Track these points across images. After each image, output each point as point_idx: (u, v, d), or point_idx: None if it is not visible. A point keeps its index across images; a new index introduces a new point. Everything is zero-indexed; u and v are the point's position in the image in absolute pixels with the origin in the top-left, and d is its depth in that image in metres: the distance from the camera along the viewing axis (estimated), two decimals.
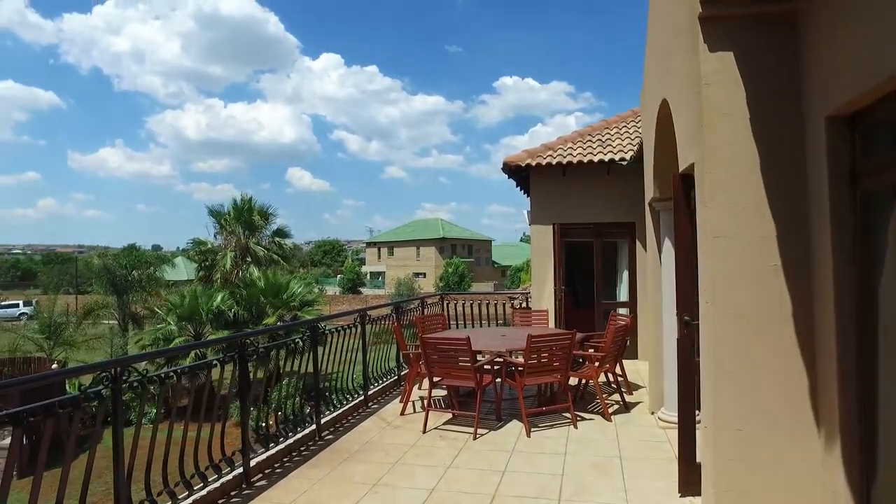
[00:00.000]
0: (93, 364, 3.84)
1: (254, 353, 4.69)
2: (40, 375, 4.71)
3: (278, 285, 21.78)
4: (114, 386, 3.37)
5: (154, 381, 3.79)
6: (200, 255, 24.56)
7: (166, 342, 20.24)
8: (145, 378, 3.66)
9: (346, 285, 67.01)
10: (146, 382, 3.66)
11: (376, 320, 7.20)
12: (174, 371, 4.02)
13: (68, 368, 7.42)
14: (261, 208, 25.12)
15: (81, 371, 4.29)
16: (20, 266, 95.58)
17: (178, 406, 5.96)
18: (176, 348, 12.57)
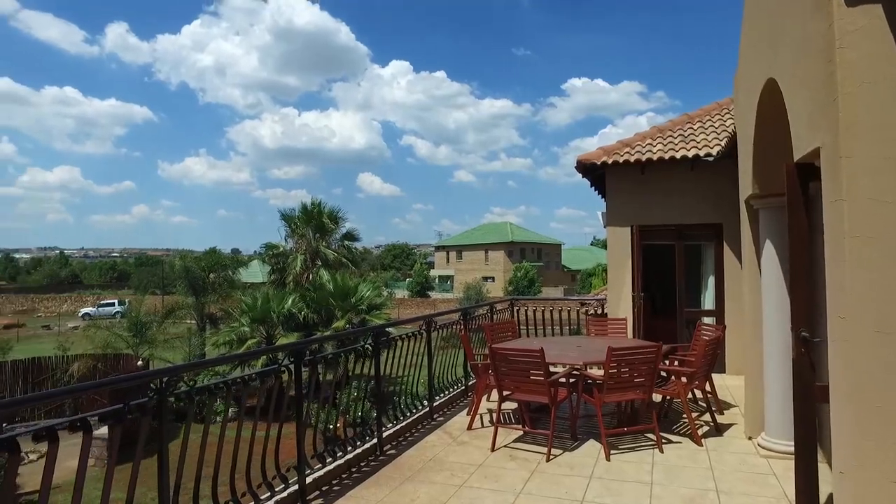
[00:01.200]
0: (141, 373, 3.66)
1: (310, 361, 4.41)
2: (112, 380, 4.31)
3: (347, 288, 21.92)
4: (159, 397, 3.15)
5: (203, 392, 3.56)
6: (272, 258, 25.15)
7: (240, 343, 20.78)
8: (193, 389, 3.43)
9: (414, 289, 67.43)
10: (193, 393, 3.42)
11: (443, 326, 6.83)
12: (223, 382, 3.78)
13: (121, 377, 7.30)
14: (330, 212, 25.46)
15: (132, 378, 4.14)
16: (117, 268, 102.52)
17: (224, 416, 5.82)
18: (216, 359, 12.53)
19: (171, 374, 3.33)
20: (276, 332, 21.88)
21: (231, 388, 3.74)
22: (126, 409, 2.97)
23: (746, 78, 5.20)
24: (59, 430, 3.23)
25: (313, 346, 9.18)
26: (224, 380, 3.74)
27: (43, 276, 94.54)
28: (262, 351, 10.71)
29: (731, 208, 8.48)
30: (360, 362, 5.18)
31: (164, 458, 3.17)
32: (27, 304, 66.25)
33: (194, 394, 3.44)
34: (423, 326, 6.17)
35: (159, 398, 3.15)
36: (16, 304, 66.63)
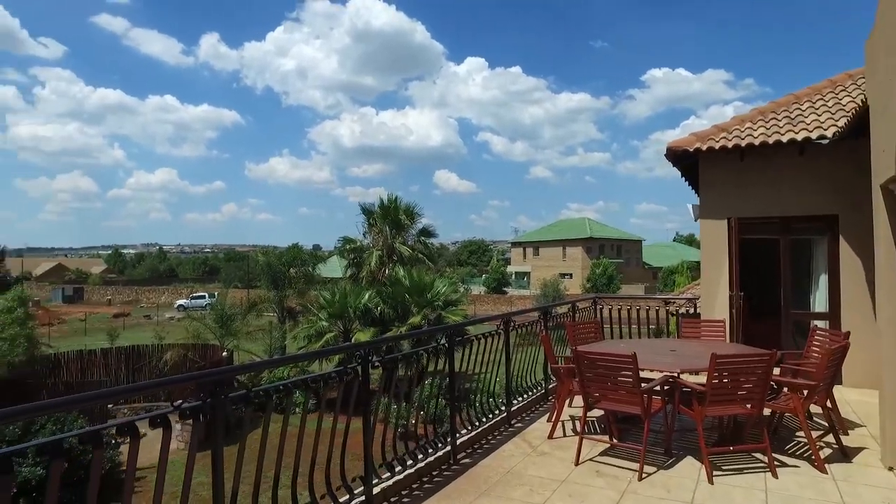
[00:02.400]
0: (189, 375, 3.46)
1: (380, 363, 4.10)
2: (207, 372, 4.05)
3: (423, 284, 21.81)
4: (213, 400, 2.91)
5: (261, 395, 3.31)
6: (350, 253, 25.46)
7: (318, 337, 21.15)
8: (251, 392, 3.19)
9: (490, 285, 66.98)
10: (251, 396, 3.18)
11: (522, 326, 6.38)
12: (284, 384, 3.52)
13: (221, 368, 6.89)
14: (407, 207, 25.45)
15: (180, 380, 3.97)
16: (208, 263, 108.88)
17: (284, 424, 5.63)
18: (267, 361, 12.45)
19: (223, 374, 3.09)
20: (352, 327, 22.11)
21: (288, 391, 3.47)
22: (209, 404, 2.86)
23: (886, 43, 4.40)
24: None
25: (383, 345, 8.95)
26: (281, 383, 3.47)
27: (145, 270, 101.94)
28: (330, 351, 10.54)
29: (851, 197, 7.50)
30: (435, 360, 4.84)
31: (218, 462, 2.94)
32: (132, 295, 71.39)
33: (272, 391, 3.23)
34: (501, 325, 5.75)
35: (213, 401, 2.91)
36: (123, 294, 71.98)
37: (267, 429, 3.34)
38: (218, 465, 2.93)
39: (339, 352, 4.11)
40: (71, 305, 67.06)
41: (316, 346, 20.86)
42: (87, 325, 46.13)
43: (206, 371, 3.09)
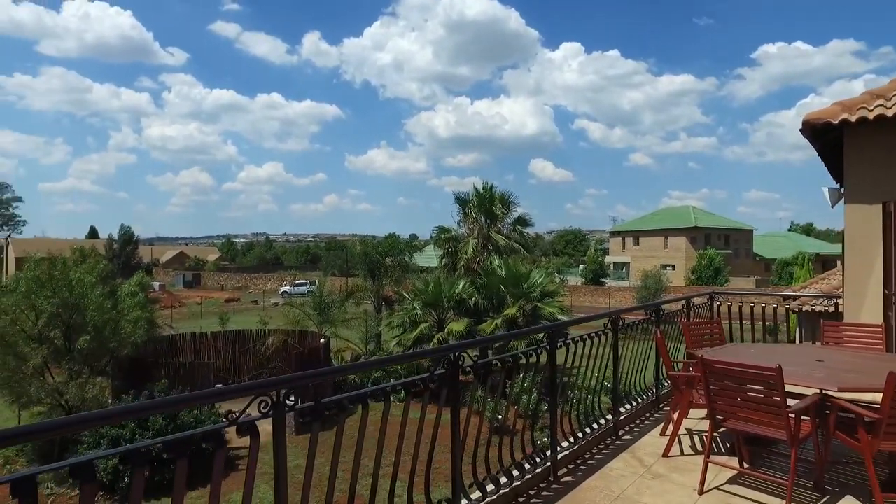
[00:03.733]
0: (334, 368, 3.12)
1: (470, 370, 3.60)
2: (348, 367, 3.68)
3: (518, 275, 21.18)
4: (315, 409, 2.55)
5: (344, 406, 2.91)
6: (444, 242, 25.26)
7: (412, 326, 21.15)
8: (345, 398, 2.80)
9: (588, 276, 64.86)
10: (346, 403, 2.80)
11: (631, 326, 5.65)
12: (362, 393, 3.10)
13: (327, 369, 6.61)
14: (502, 196, 24.84)
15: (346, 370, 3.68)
16: (310, 251, 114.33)
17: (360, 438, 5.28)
18: (363, 363, 12.29)
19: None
20: (446, 317, 21.90)
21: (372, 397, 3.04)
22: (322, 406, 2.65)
23: None
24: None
25: (478, 347, 8.41)
26: (361, 392, 3.04)
27: (254, 258, 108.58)
28: (420, 354, 10.14)
29: None
30: (537, 358, 4.29)
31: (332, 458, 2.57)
32: (242, 281, 76.12)
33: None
34: (608, 325, 5.07)
35: (314, 411, 2.57)
36: (234, 281, 76.95)
37: (364, 432, 2.94)
38: (311, 461, 2.58)
39: (429, 355, 3.61)
40: (190, 290, 72.61)
41: (410, 336, 20.86)
42: (203, 309, 49.60)
43: (330, 368, 2.71)
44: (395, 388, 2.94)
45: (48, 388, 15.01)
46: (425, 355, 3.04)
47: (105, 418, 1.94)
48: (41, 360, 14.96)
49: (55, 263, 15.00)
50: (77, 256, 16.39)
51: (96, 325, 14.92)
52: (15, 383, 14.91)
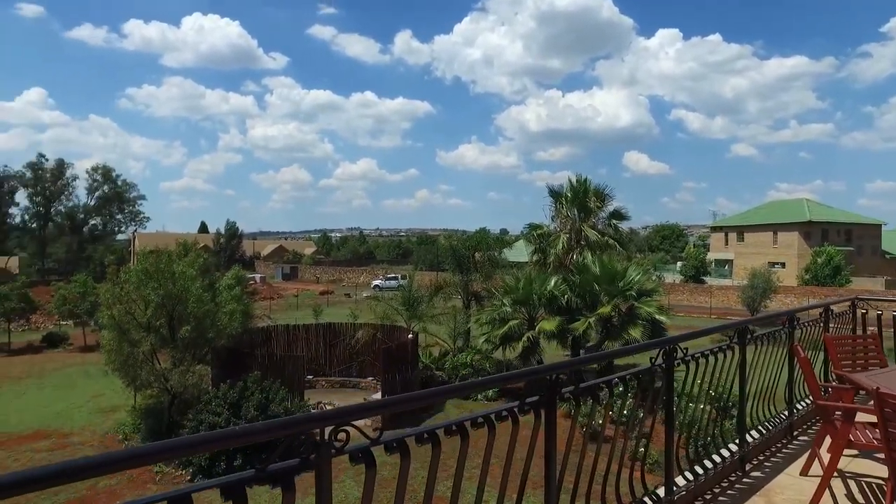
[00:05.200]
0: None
1: (570, 396, 2.98)
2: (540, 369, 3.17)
3: (614, 272, 20.06)
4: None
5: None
6: (535, 238, 24.47)
7: (501, 323, 20.58)
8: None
9: (687, 273, 61.32)
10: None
11: (761, 338, 4.77)
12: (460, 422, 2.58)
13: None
14: (596, 189, 23.70)
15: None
16: (402, 246, 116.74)
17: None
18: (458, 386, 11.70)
19: None
20: (537, 315, 21.17)
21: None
22: None
23: None
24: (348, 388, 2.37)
25: (564, 372, 7.89)
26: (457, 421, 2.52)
27: (348, 252, 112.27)
28: (513, 375, 9.35)
29: None
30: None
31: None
32: (336, 274, 78.75)
33: None
34: (734, 337, 4.27)
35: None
36: (329, 274, 79.81)
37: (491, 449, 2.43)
38: None
39: (522, 377, 2.89)
40: (288, 282, 76.10)
41: (498, 332, 20.33)
42: (299, 301, 51.64)
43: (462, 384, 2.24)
44: (476, 421, 2.38)
45: (156, 373, 15.88)
46: (518, 377, 2.47)
47: (227, 439, 1.73)
48: (150, 347, 15.83)
49: (161, 257, 15.81)
50: (180, 250, 17.24)
51: (196, 316, 15.60)
52: (129, 367, 15.88)
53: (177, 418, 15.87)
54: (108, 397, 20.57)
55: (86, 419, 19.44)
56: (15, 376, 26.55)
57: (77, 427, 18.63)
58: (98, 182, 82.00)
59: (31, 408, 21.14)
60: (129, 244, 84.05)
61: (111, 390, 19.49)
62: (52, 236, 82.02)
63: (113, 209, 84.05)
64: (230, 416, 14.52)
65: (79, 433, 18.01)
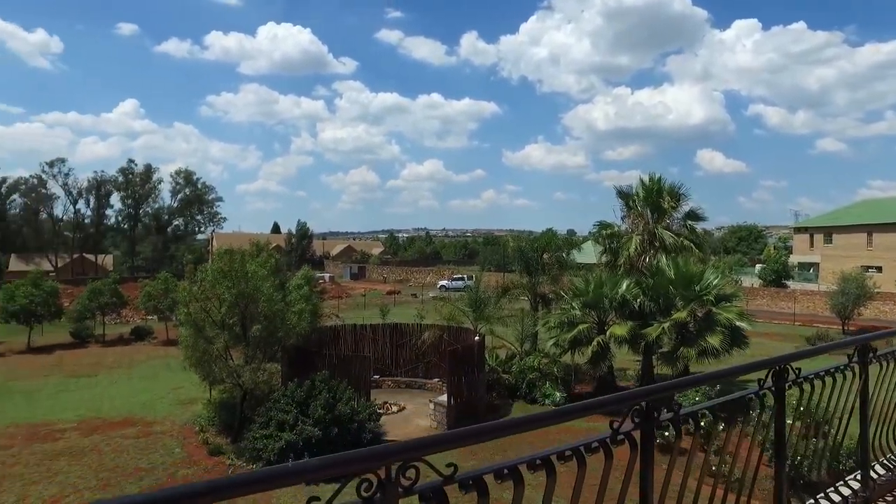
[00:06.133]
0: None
1: (668, 423, 2.57)
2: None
3: (690, 275, 19.05)
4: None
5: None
6: (605, 238, 23.65)
7: (570, 326, 19.98)
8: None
9: (767, 277, 57.91)
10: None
11: (885, 357, 4.16)
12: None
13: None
14: (671, 188, 22.63)
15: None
16: (468, 246, 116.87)
17: None
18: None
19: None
20: (607, 319, 20.43)
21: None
22: None
23: None
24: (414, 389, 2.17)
25: (674, 392, 7.25)
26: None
27: (414, 252, 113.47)
28: (597, 402, 9.01)
29: None
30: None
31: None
32: (403, 274, 79.62)
33: None
34: (854, 355, 3.72)
35: None
36: (396, 274, 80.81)
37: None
38: None
39: (610, 405, 2.37)
40: (355, 282, 77.62)
41: (567, 336, 19.74)
42: (366, 300, 52.46)
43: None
44: (564, 454, 2.03)
45: (229, 370, 16.35)
46: (604, 405, 2.08)
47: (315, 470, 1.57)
48: (224, 344, 16.32)
49: (234, 257, 16.28)
50: (253, 250, 17.71)
51: (267, 315, 15.96)
52: (205, 363, 16.45)
53: (248, 414, 16.28)
54: (187, 390, 21.51)
55: (167, 409, 20.42)
56: (108, 365, 28.40)
57: (159, 416, 19.60)
58: (181, 185, 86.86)
59: (121, 396, 22.51)
60: (208, 244, 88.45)
61: (189, 383, 20.33)
62: (141, 236, 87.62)
63: (194, 210, 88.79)
64: (298, 414, 14.73)
65: (160, 422, 18.92)
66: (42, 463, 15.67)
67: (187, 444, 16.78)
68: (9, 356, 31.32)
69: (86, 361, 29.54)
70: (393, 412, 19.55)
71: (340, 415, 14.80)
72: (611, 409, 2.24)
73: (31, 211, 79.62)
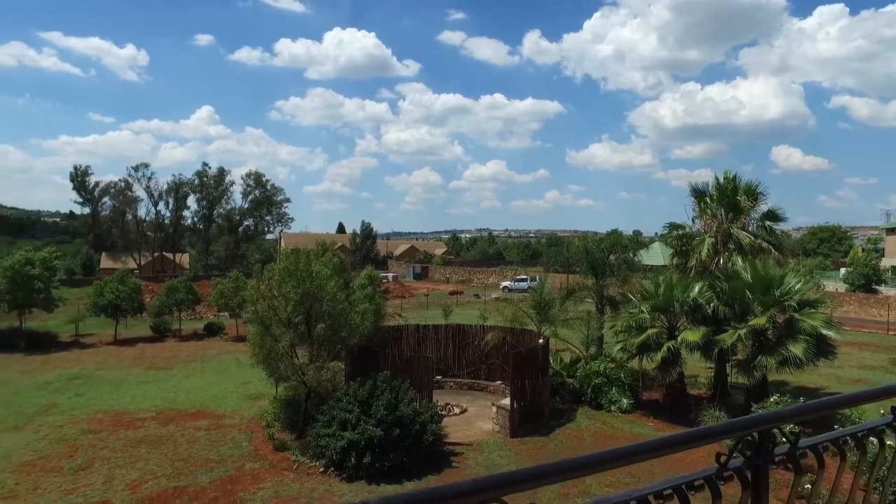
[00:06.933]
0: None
1: (785, 458, 2.20)
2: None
3: (769, 279, 17.93)
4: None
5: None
6: (676, 239, 22.66)
7: (638, 331, 19.24)
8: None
9: (854, 281, 54.10)
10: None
11: None
12: None
13: None
14: (747, 187, 21.43)
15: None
16: (531, 247, 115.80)
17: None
18: None
19: None
20: (678, 324, 19.55)
21: None
22: None
23: None
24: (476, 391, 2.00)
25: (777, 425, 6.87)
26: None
27: (477, 253, 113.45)
28: (709, 432, 8.54)
29: None
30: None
31: None
32: (465, 275, 79.63)
33: None
34: None
35: None
36: (458, 274, 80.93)
37: None
38: None
39: (717, 436, 1.86)
40: (418, 282, 78.26)
41: (635, 340, 19.01)
42: (429, 300, 52.71)
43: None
44: (663, 493, 1.74)
45: (294, 368, 16.69)
46: (715, 434, 1.72)
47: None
48: (289, 343, 16.67)
49: (300, 256, 16.61)
50: (318, 250, 18.02)
51: (331, 314, 16.17)
52: (271, 360, 16.85)
53: (312, 411, 16.56)
54: (255, 385, 22.21)
55: (236, 403, 21.15)
56: (183, 359, 29.81)
57: (229, 410, 20.33)
58: (251, 187, 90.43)
59: (195, 389, 23.54)
60: (276, 243, 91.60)
61: (257, 379, 20.96)
62: (214, 236, 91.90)
63: (263, 211, 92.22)
64: (360, 413, 14.83)
65: (230, 416, 19.61)
66: (125, 449, 16.57)
67: (254, 438, 17.27)
68: (99, 347, 33.50)
69: (163, 355, 31.11)
70: (455, 414, 19.42)
71: (402, 416, 14.79)
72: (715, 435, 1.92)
73: (119, 212, 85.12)
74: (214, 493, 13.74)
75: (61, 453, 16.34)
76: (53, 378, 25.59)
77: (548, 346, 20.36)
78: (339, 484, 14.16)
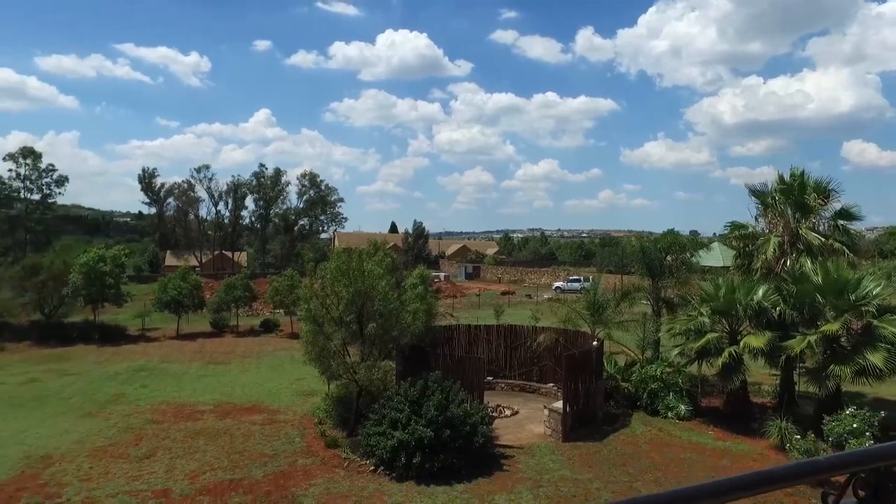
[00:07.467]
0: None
1: None
2: None
3: (842, 281, 16.84)
4: None
5: None
6: (739, 240, 21.64)
7: (697, 335, 18.46)
8: None
9: None
10: None
11: None
12: None
13: None
14: (817, 184, 20.21)
15: None
16: (584, 247, 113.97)
17: None
18: None
19: None
20: (741, 328, 18.64)
21: None
22: None
23: None
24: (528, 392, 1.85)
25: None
26: None
27: (529, 253, 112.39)
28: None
29: None
30: None
31: None
32: (517, 275, 78.98)
33: None
34: None
35: None
36: (510, 274, 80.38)
37: None
38: None
39: (827, 469, 1.46)
40: (470, 281, 78.12)
41: (694, 345, 18.24)
42: (480, 300, 52.48)
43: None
44: None
45: (345, 366, 16.84)
46: (820, 471, 1.38)
47: None
48: (341, 341, 16.83)
49: (352, 255, 16.75)
50: (370, 249, 18.14)
51: (382, 314, 16.22)
52: (323, 358, 17.06)
53: (363, 410, 16.65)
54: (308, 382, 22.59)
55: (289, 399, 21.58)
56: (240, 354, 30.75)
57: (283, 405, 20.76)
58: (306, 187, 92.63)
59: (251, 384, 24.20)
60: (330, 242, 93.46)
61: (310, 376, 21.31)
62: (271, 235, 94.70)
63: (317, 211, 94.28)
64: (411, 413, 14.79)
65: (283, 411, 20.01)
66: (185, 440, 17.15)
67: (307, 434, 17.53)
68: (163, 341, 35.04)
69: (221, 350, 32.17)
70: (506, 416, 19.16)
71: (453, 416, 14.67)
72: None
73: (182, 212, 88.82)
74: (268, 487, 14.00)
75: (128, 441, 17.12)
76: (122, 369, 26.93)
77: (602, 348, 19.83)
78: (389, 483, 14.16)
